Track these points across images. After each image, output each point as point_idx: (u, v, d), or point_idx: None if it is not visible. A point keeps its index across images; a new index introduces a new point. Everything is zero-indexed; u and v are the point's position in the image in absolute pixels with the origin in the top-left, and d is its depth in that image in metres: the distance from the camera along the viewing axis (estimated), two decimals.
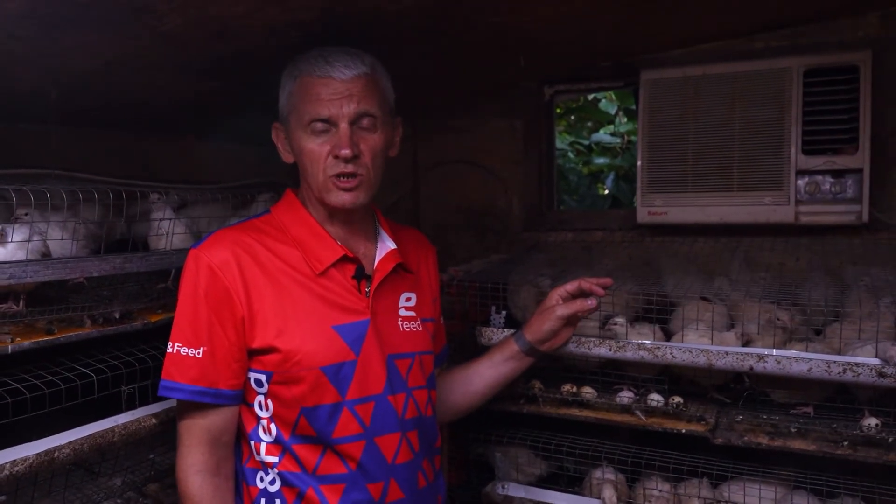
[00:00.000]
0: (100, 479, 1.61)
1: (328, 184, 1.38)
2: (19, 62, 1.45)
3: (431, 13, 1.57)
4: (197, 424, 1.35)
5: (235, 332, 1.33)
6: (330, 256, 1.41)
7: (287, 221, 1.44)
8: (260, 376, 1.36)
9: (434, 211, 2.80)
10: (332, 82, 1.35)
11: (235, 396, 1.36)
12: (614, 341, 1.71)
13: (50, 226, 1.45)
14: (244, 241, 1.38)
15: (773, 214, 2.09)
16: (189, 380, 1.32)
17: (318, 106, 1.35)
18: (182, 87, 1.76)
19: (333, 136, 1.36)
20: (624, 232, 2.43)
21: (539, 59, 2.24)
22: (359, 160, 1.37)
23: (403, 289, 1.51)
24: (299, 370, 1.33)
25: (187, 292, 1.35)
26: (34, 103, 1.74)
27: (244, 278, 1.34)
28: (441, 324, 1.69)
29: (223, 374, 1.33)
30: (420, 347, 1.49)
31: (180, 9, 1.26)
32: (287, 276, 1.37)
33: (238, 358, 1.34)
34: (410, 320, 1.50)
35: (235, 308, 1.33)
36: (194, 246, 1.38)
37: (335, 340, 1.36)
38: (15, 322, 1.42)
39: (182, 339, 1.33)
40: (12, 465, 1.19)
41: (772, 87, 2.08)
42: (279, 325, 1.34)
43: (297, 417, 1.35)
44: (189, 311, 1.34)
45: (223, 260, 1.34)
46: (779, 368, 1.56)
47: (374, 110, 1.38)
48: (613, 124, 4.00)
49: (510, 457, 1.97)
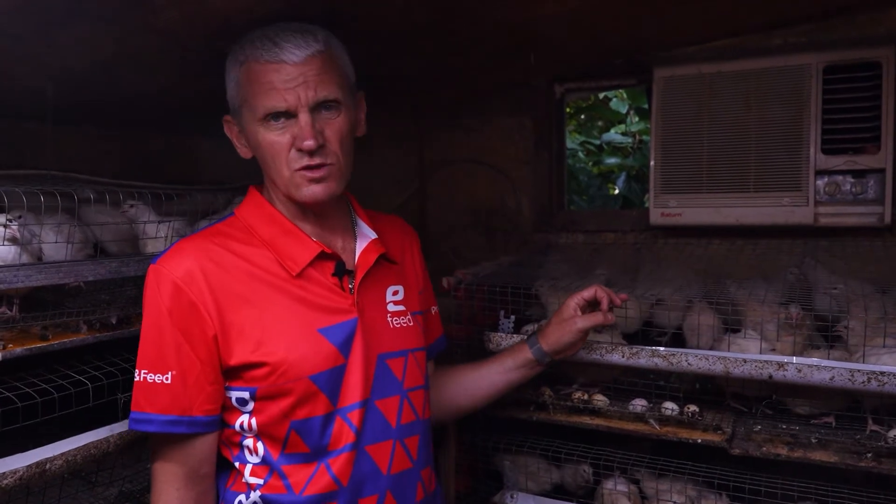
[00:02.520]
0: (96, 489, 1.56)
1: (295, 178, 1.26)
2: (14, 59, 1.41)
3: (437, 9, 1.52)
4: (172, 457, 1.24)
5: (207, 352, 1.21)
6: (305, 255, 1.29)
7: (254, 222, 1.32)
8: (243, 394, 1.24)
9: (441, 211, 2.75)
10: (284, 67, 1.22)
11: (212, 422, 1.24)
12: (627, 348, 1.66)
13: (44, 229, 1.40)
14: (209, 249, 1.26)
15: (791, 216, 2.02)
16: (160, 409, 1.20)
17: (273, 96, 1.23)
18: (182, 84, 1.71)
19: (294, 125, 1.24)
20: (636, 233, 2.38)
21: (549, 56, 2.19)
22: (325, 149, 1.26)
23: (389, 281, 1.41)
24: (286, 382, 1.22)
25: (150, 312, 1.22)
26: (31, 101, 1.70)
27: (212, 290, 1.22)
28: (434, 313, 1.60)
29: (196, 399, 1.21)
30: (413, 344, 1.40)
31: (177, 3, 1.21)
32: (261, 281, 1.26)
33: (212, 380, 1.23)
34: (400, 315, 1.39)
35: (205, 324, 1.21)
36: (154, 260, 1.25)
37: (322, 345, 1.25)
38: (8, 327, 1.38)
39: (148, 364, 1.22)
40: (1, 478, 1.14)
41: (790, 85, 2.02)
42: (258, 336, 1.22)
43: (286, 433, 1.24)
44: (153, 334, 1.22)
45: (186, 272, 1.22)
46: (799, 377, 1.50)
47: (336, 94, 1.26)
48: (625, 123, 3.93)
49: (519, 465, 1.92)
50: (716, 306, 1.70)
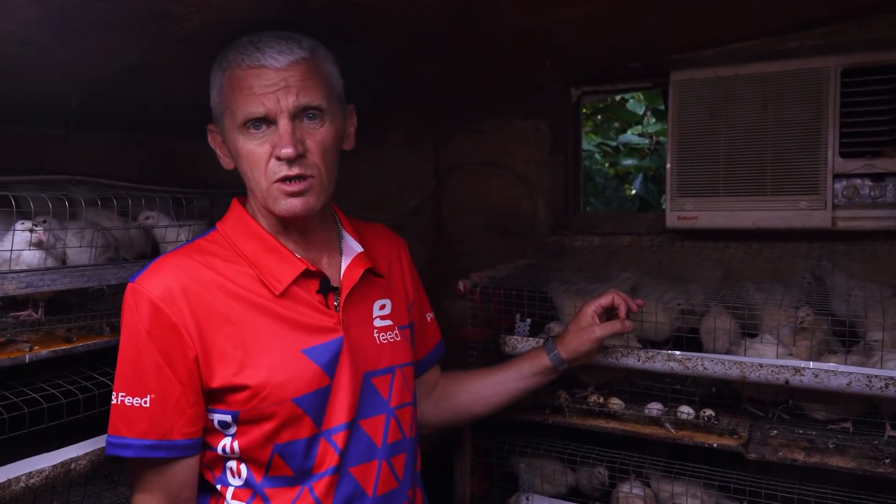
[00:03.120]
0: (119, 489, 1.59)
1: (272, 190, 1.21)
2: (40, 67, 1.43)
3: (452, 15, 1.53)
4: (151, 483, 1.20)
5: (188, 374, 1.17)
6: (289, 273, 1.25)
7: (236, 238, 1.28)
8: (225, 417, 1.21)
9: (457, 214, 2.76)
10: (265, 72, 1.19)
11: (193, 446, 1.21)
12: (643, 352, 1.66)
13: (68, 233, 1.43)
14: (189, 267, 1.21)
15: (808, 219, 2.02)
16: (138, 434, 1.16)
17: (252, 101, 1.19)
18: (204, 91, 1.74)
19: (273, 134, 1.20)
20: (652, 236, 2.38)
21: (565, 59, 2.19)
22: (305, 160, 1.20)
23: (376, 296, 1.37)
24: (268, 405, 1.18)
25: (129, 333, 1.18)
26: (56, 108, 1.73)
27: (193, 310, 1.17)
28: (430, 320, 1.58)
29: (177, 422, 1.17)
30: (399, 360, 1.36)
31: (199, 13, 1.23)
32: (243, 300, 1.21)
33: (193, 402, 1.18)
34: (387, 330, 1.35)
35: (186, 346, 1.16)
36: (132, 279, 1.20)
37: (307, 366, 1.21)
38: (34, 330, 1.41)
39: (126, 387, 1.17)
40: (28, 476, 1.16)
41: (807, 88, 2.01)
42: (240, 358, 1.18)
43: (269, 457, 1.21)
44: (132, 355, 1.17)
45: (166, 291, 1.17)
46: (816, 382, 1.49)
47: (319, 101, 1.22)
48: (641, 125, 3.92)
49: (535, 468, 1.93)
50: (732, 310, 1.70)
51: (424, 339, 1.56)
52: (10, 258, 1.33)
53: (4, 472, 1.16)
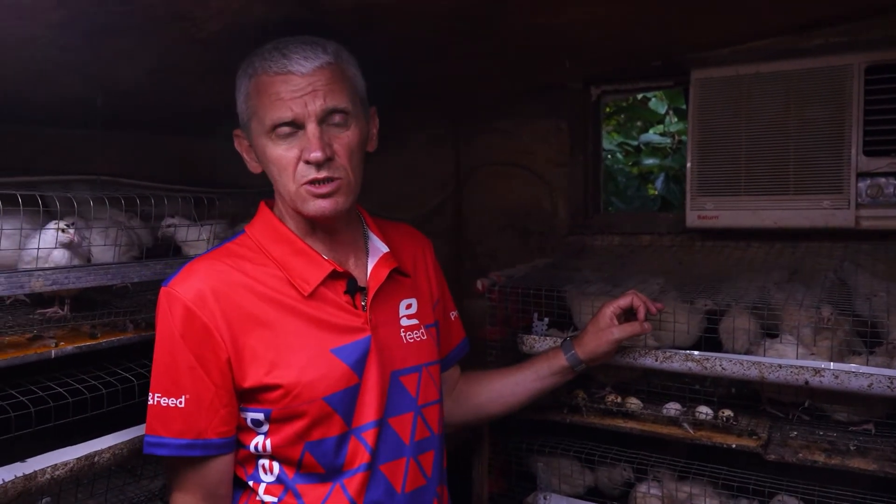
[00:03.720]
0: (141, 482, 1.63)
1: (301, 193, 1.23)
2: (66, 70, 1.47)
3: (468, 14, 1.54)
4: (189, 481, 1.24)
5: (221, 375, 1.21)
6: (317, 275, 1.27)
7: (265, 241, 1.30)
8: (258, 415, 1.24)
9: (477, 214, 2.77)
10: (291, 78, 1.21)
11: (227, 444, 1.24)
12: (660, 351, 1.65)
13: (93, 232, 1.47)
14: (220, 270, 1.24)
15: (831, 219, 1.99)
16: (174, 433, 1.20)
17: (280, 107, 1.21)
18: (225, 92, 1.77)
19: (301, 138, 1.22)
20: (672, 236, 2.36)
21: (584, 59, 2.19)
22: (333, 163, 1.23)
23: (402, 295, 1.39)
24: (300, 403, 1.21)
25: (163, 336, 1.22)
26: (83, 109, 1.77)
27: (225, 313, 1.20)
28: (454, 318, 1.59)
29: (211, 422, 1.21)
30: (426, 358, 1.38)
31: (218, 15, 1.26)
32: (273, 302, 1.24)
33: (226, 402, 1.22)
34: (413, 329, 1.38)
35: (218, 348, 1.20)
36: (165, 283, 1.24)
37: (336, 365, 1.24)
38: (60, 326, 1.45)
39: (161, 388, 1.21)
40: (53, 468, 1.20)
41: (831, 86, 1.98)
42: (271, 358, 1.21)
43: (301, 454, 1.24)
44: (166, 358, 1.21)
45: (198, 295, 1.20)
46: (836, 383, 1.48)
47: (345, 104, 1.24)
48: (663, 124, 3.90)
49: (552, 467, 1.93)
50: (752, 310, 1.68)
51: (448, 337, 1.58)
52: (37, 257, 1.36)
53: (31, 464, 1.19)
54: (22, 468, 1.18)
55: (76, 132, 1.97)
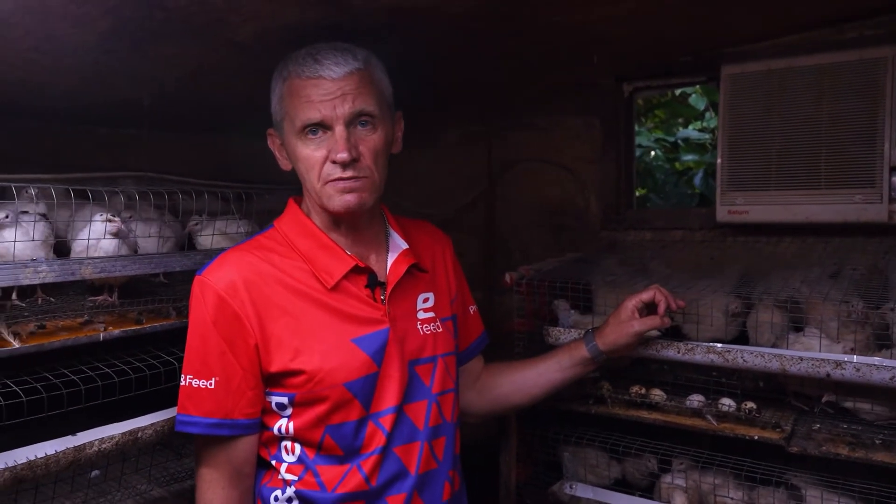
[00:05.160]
0: (183, 460, 1.72)
1: (327, 189, 1.31)
2: (114, 73, 1.58)
3: (494, 13, 1.58)
4: (216, 458, 1.32)
5: (249, 359, 1.29)
6: (340, 269, 1.35)
7: (292, 235, 1.38)
8: (282, 399, 1.32)
9: (510, 210, 2.81)
10: (322, 82, 1.28)
11: (253, 425, 1.32)
12: (682, 344, 1.67)
13: (139, 225, 1.57)
14: (250, 262, 1.32)
15: (864, 213, 1.97)
16: (204, 412, 1.29)
17: (310, 109, 1.28)
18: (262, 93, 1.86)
19: (329, 139, 1.29)
20: (704, 231, 2.36)
21: (613, 55, 2.21)
22: (358, 163, 1.30)
23: (420, 290, 1.46)
24: (322, 388, 1.29)
25: (196, 322, 1.30)
26: (132, 110, 1.88)
27: (254, 301, 1.28)
28: (473, 313, 1.65)
29: (238, 403, 1.29)
30: (442, 349, 1.45)
31: (252, 19, 1.34)
32: (298, 293, 1.32)
33: (253, 385, 1.30)
34: (430, 322, 1.45)
35: (247, 334, 1.28)
36: (199, 272, 1.32)
37: (356, 354, 1.31)
38: (108, 312, 1.55)
39: (193, 370, 1.30)
40: (100, 442, 1.30)
41: (864, 79, 1.96)
42: (296, 345, 1.29)
43: (321, 436, 1.31)
44: (199, 342, 1.29)
45: (230, 284, 1.28)
46: (858, 376, 1.48)
47: (372, 108, 1.31)
48: (703, 119, 3.87)
49: (579, 457, 1.96)
50: (775, 303, 1.69)
51: (467, 331, 1.63)
52: (87, 246, 1.47)
53: (81, 438, 1.31)
54: (73, 441, 1.29)
55: (128, 132, 2.09)
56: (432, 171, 2.88)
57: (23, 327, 1.37)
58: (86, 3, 1.16)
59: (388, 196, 1.44)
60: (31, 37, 1.28)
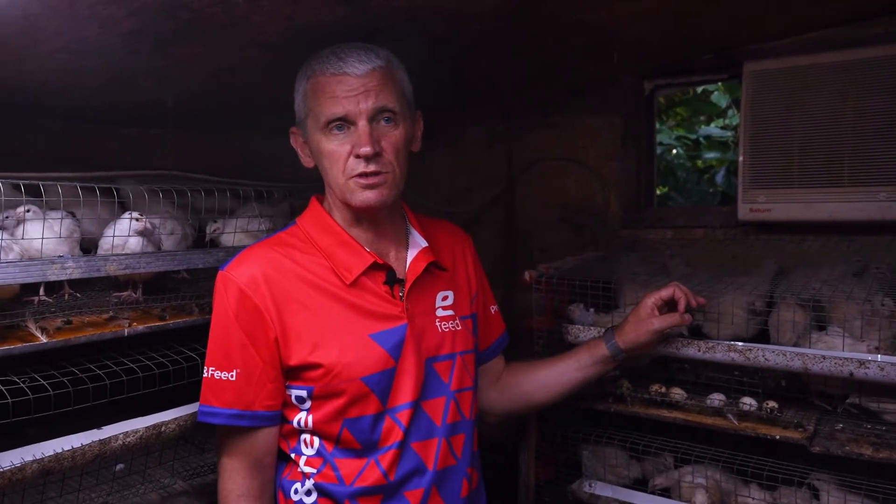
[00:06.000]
0: (205, 455, 1.75)
1: (350, 184, 1.33)
2: (139, 74, 1.60)
3: (513, 14, 1.58)
4: (237, 448, 1.35)
5: (269, 353, 1.32)
6: (359, 265, 1.37)
7: (313, 232, 1.41)
8: (301, 392, 1.35)
9: (530, 208, 2.80)
10: (346, 78, 1.31)
11: (273, 417, 1.35)
12: (703, 342, 1.66)
13: (162, 222, 1.59)
14: (272, 258, 1.35)
15: (888, 211, 1.94)
16: (225, 404, 1.32)
17: (334, 104, 1.31)
18: (285, 92, 1.88)
19: (352, 134, 1.32)
20: (726, 230, 2.34)
21: (635, 53, 2.20)
22: (381, 158, 1.32)
23: (439, 287, 1.47)
24: (339, 382, 1.31)
25: (219, 315, 1.34)
26: (157, 111, 1.91)
27: (274, 296, 1.31)
28: (494, 312, 1.66)
29: (258, 395, 1.32)
30: (460, 347, 1.46)
31: (273, 19, 1.35)
32: (318, 288, 1.34)
33: (273, 378, 1.33)
34: (449, 319, 1.46)
35: (268, 328, 1.31)
36: (222, 267, 1.36)
37: (373, 349, 1.33)
38: (133, 308, 1.58)
39: (215, 362, 1.33)
40: (125, 435, 1.33)
41: (889, 75, 1.93)
42: (315, 339, 1.32)
43: (339, 430, 1.34)
44: (221, 335, 1.33)
45: (251, 279, 1.32)
46: (882, 375, 1.46)
47: (394, 104, 1.34)
48: (725, 117, 3.83)
49: (598, 455, 1.96)
50: (798, 302, 1.67)
51: (488, 331, 1.64)
52: (113, 244, 1.49)
53: (106, 431, 1.34)
54: (98, 434, 1.32)
55: (153, 131, 2.13)
56: (453, 171, 2.89)
57: (50, 323, 1.40)
58: (111, 4, 1.18)
59: (409, 195, 1.46)
60: (60, 38, 1.31)
